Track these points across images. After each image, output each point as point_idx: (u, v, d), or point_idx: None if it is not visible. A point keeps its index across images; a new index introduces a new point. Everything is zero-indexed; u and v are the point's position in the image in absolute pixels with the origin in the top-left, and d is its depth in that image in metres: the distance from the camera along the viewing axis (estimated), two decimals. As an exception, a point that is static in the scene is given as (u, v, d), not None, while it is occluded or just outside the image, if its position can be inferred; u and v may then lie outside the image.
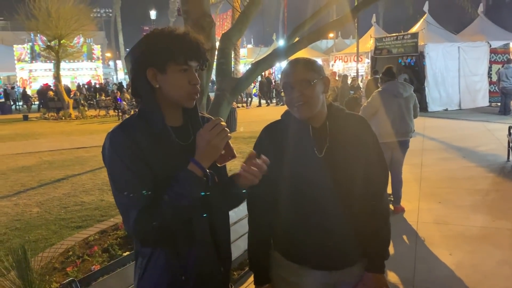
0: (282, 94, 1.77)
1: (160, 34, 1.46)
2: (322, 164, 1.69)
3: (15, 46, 33.07)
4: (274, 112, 19.49)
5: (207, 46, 1.50)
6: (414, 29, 17.81)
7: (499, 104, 15.66)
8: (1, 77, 34.44)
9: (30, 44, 31.72)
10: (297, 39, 4.87)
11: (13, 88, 30.73)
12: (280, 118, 1.85)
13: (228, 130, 1.43)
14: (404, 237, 4.65)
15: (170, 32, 1.45)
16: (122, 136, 1.42)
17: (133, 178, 1.39)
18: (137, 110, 1.54)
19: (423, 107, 15.01)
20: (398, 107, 5.23)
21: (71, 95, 24.67)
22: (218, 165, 1.48)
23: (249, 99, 23.86)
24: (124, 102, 18.80)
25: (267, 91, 25.48)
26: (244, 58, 33.97)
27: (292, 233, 1.75)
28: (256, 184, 1.52)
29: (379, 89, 5.43)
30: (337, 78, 17.89)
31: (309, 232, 1.71)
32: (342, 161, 1.70)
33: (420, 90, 15.44)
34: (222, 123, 1.42)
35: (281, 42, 25.71)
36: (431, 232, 4.73)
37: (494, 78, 16.99)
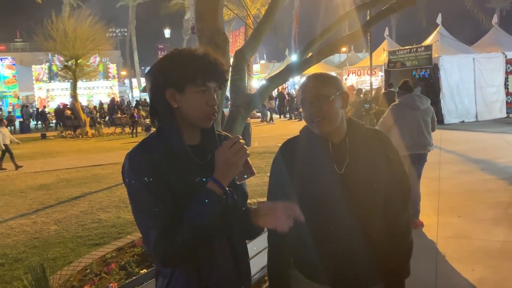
0: (300, 109, 1.75)
1: (179, 55, 1.47)
2: (342, 180, 1.66)
3: (33, 66, 33.87)
4: (287, 127, 19.50)
5: (226, 67, 1.51)
6: (427, 42, 17.75)
7: (517, 115, 15.43)
8: (20, 97, 35.21)
9: (48, 64, 32.46)
10: (310, 54, 4.88)
11: (45, 107, 31.14)
12: (298, 133, 1.84)
13: (247, 148, 1.43)
14: (424, 252, 4.56)
15: (189, 53, 1.46)
16: (140, 156, 1.44)
17: (152, 198, 1.39)
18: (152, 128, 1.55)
19: (439, 120, 14.83)
20: (415, 120, 5.18)
21: (88, 113, 25.07)
22: (237, 183, 1.48)
23: (271, 114, 23.77)
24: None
25: (280, 106, 25.57)
26: (257, 73, 34.21)
27: (311, 252, 1.72)
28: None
29: (396, 102, 5.40)
30: (354, 92, 17.86)
31: (328, 250, 1.68)
32: (363, 178, 1.67)
33: (435, 103, 15.32)
34: (240, 140, 1.42)
35: (293, 58, 25.85)
36: (452, 247, 4.63)
37: (511, 89, 16.78)
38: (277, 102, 26.57)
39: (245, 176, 1.46)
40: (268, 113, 23.58)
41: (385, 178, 1.71)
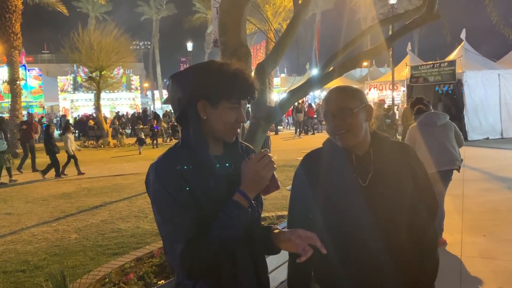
0: (323, 122, 1.74)
1: (217, 70, 1.46)
2: (365, 193, 1.64)
3: (59, 77, 34.80)
4: (306, 141, 19.41)
5: (258, 86, 1.53)
6: (451, 57, 17.53)
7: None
8: (45, 107, 36.12)
9: (73, 75, 33.30)
10: (331, 68, 4.87)
11: (72, 119, 31.44)
12: (319, 146, 1.82)
13: (274, 162, 1.43)
14: (448, 272, 4.43)
15: (228, 69, 1.45)
16: (167, 167, 1.43)
17: (179, 209, 1.39)
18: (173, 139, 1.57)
19: (463, 136, 14.59)
20: (435, 136, 5.11)
21: (109, 124, 25.45)
22: (262, 196, 1.48)
23: (298, 129, 23.71)
24: (142, 135, 18.79)
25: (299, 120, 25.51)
26: (277, 87, 34.34)
27: (333, 265, 1.68)
28: (296, 216, 1.50)
29: (414, 124, 5.36)
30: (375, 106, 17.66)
31: (351, 264, 1.65)
32: (387, 191, 1.64)
33: (459, 119, 15.06)
34: (269, 154, 1.43)
35: (314, 71, 25.85)
36: (477, 267, 4.48)
37: (538, 105, 16.38)
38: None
39: (272, 190, 1.46)
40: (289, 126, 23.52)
41: (410, 192, 1.68)
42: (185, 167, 1.43)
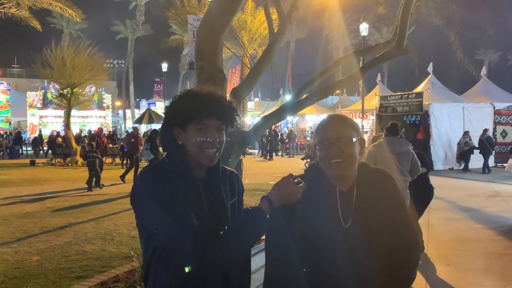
0: (317, 148, 1.66)
1: (183, 96, 1.57)
2: (346, 234, 1.60)
3: (28, 93, 33.97)
4: (278, 164, 19.51)
5: (232, 104, 1.59)
6: (418, 89, 18.19)
7: (504, 164, 15.63)
8: (12, 122, 35.08)
9: (43, 91, 32.57)
10: (305, 95, 4.98)
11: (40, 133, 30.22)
12: (287, 171, 1.81)
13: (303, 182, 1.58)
14: (413, 300, 4.49)
15: (193, 94, 1.55)
16: (161, 171, 1.52)
17: (180, 205, 1.45)
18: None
19: (429, 165, 15.01)
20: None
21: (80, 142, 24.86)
22: None
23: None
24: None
25: (274, 144, 25.69)
26: (251, 110, 34.60)
27: None
28: (277, 247, 1.59)
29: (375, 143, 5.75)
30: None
31: None
32: (368, 231, 1.61)
33: (425, 149, 15.52)
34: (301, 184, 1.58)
35: (287, 97, 26.23)
36: (441, 296, 4.57)
37: (499, 138, 17.11)
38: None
39: None
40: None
41: (390, 223, 1.66)
42: (175, 179, 1.51)
